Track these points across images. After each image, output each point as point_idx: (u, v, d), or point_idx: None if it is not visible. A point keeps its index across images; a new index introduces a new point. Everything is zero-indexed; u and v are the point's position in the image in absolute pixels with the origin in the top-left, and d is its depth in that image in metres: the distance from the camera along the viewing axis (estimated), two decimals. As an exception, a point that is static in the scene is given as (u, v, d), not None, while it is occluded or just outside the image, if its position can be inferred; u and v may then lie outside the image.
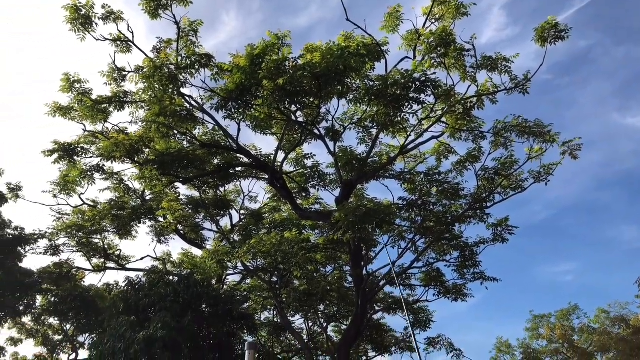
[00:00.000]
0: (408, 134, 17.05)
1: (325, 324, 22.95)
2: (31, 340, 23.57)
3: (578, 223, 64.90)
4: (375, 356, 23.90)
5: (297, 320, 22.69)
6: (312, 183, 19.76)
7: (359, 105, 15.97)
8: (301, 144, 18.24)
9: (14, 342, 23.53)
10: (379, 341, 22.75)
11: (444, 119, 16.65)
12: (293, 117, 16.38)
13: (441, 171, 18.61)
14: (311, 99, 15.22)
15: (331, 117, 16.93)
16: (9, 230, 20.32)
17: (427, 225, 18.09)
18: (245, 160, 18.66)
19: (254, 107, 15.78)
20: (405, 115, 15.92)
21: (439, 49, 14.84)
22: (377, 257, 21.08)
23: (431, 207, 18.39)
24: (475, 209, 18.29)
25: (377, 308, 21.88)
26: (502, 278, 19.01)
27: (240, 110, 15.65)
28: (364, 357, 24.43)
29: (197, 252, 22.76)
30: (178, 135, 17.29)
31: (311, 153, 19.27)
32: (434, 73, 15.07)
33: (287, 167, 19.27)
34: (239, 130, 16.73)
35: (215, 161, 19.01)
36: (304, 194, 20.55)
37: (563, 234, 65.52)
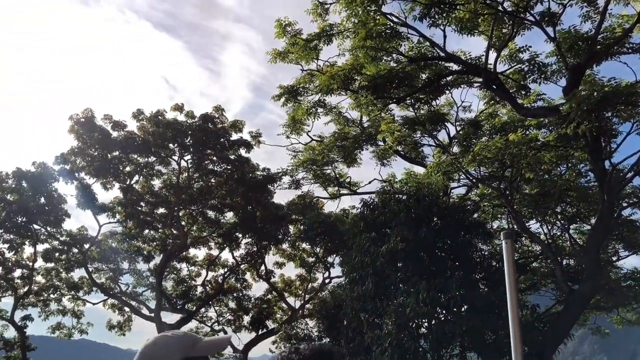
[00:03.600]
0: (647, -5, 14.40)
1: (566, 225, 21.63)
2: (291, 264, 27.70)
3: None
4: (627, 255, 21.79)
5: (533, 225, 21.85)
6: (531, 78, 18.16)
7: (579, -26, 13.98)
8: (513, 38, 16.75)
9: (279, 265, 27.99)
10: (632, 239, 20.60)
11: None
12: (501, 8, 15.17)
13: (699, 31, 15.40)
14: (521, -19, 13.85)
15: (546, -4, 15.15)
16: (258, 173, 23.76)
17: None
18: (456, 67, 18.11)
19: (458, 7, 15.04)
20: (641, -27, 13.44)
21: None
22: (618, 149, 18.83)
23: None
24: None
25: (624, 205, 19.77)
26: None
27: (444, 15, 15.09)
28: (615, 257, 22.50)
29: (418, 170, 23.36)
30: (385, 57, 17.58)
31: (526, 45, 17.60)
32: None
33: (501, 67, 18.04)
34: (444, 37, 16.20)
35: (424, 76, 18.87)
36: (523, 92, 19.12)
37: None
